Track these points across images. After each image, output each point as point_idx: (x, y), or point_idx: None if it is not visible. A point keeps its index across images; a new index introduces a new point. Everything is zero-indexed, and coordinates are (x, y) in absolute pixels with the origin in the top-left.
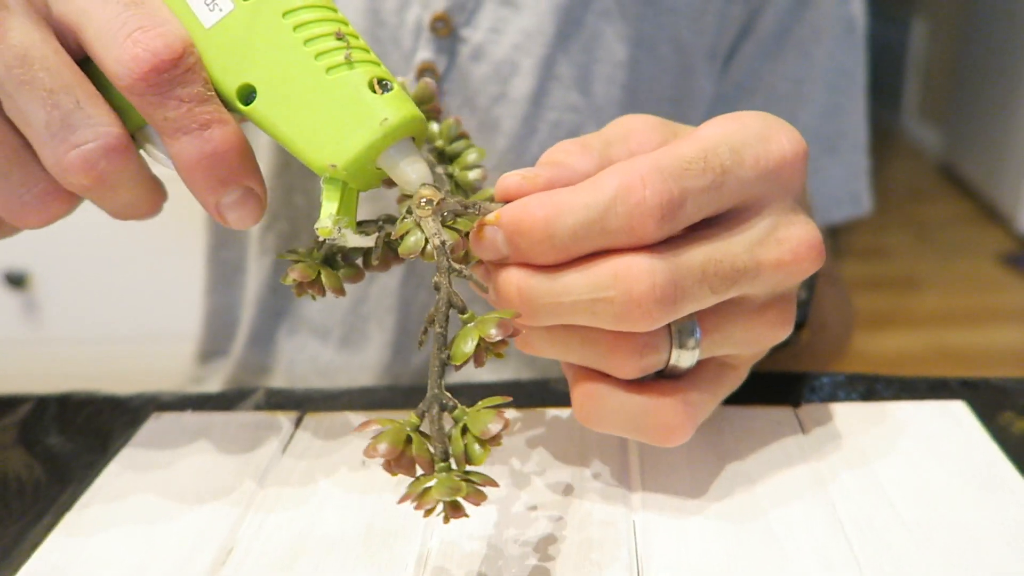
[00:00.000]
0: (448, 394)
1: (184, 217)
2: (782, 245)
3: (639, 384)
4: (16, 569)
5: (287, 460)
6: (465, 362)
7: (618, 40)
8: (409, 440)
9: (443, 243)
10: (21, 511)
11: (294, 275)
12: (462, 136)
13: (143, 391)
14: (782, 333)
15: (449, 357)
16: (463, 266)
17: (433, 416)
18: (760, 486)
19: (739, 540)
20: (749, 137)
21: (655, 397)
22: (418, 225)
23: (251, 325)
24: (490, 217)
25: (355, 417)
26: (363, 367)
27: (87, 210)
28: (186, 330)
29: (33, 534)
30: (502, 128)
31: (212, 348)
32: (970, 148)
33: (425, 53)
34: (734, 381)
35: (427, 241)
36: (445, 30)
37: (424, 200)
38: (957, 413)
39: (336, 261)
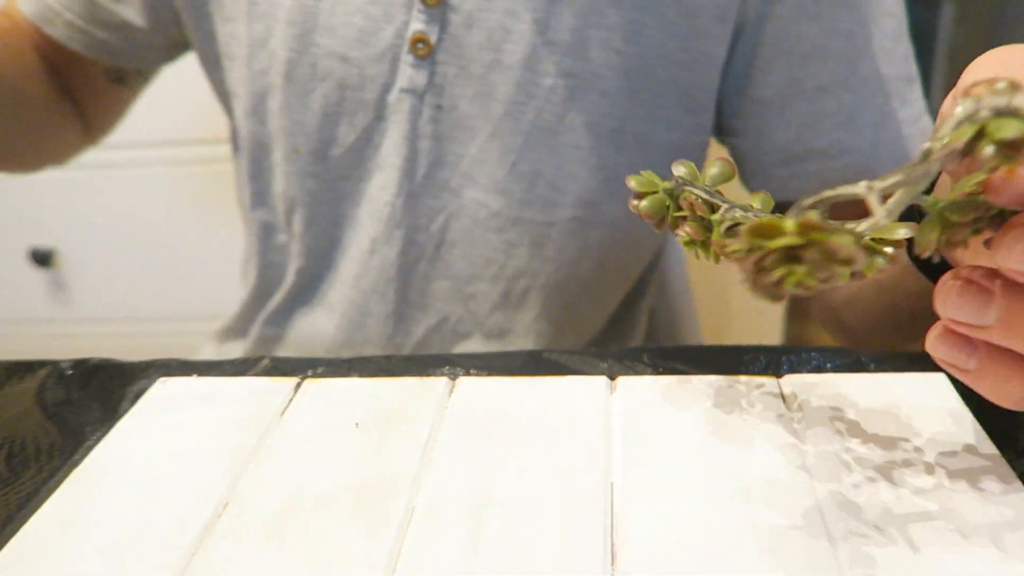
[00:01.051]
0: None
1: (214, 198)
2: None
3: None
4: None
5: (285, 422)
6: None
7: (613, 5)
8: None
9: None
10: (37, 469)
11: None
12: None
13: (154, 359)
14: None
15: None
16: None
17: None
18: (740, 453)
19: (716, 503)
20: None
21: None
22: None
23: (275, 305)
24: None
25: (352, 383)
26: (366, 341)
27: (113, 189)
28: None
29: (45, 490)
30: (497, 95)
31: (233, 327)
32: None
33: (417, 24)
34: None
35: None
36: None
37: None
38: (938, 385)
39: None
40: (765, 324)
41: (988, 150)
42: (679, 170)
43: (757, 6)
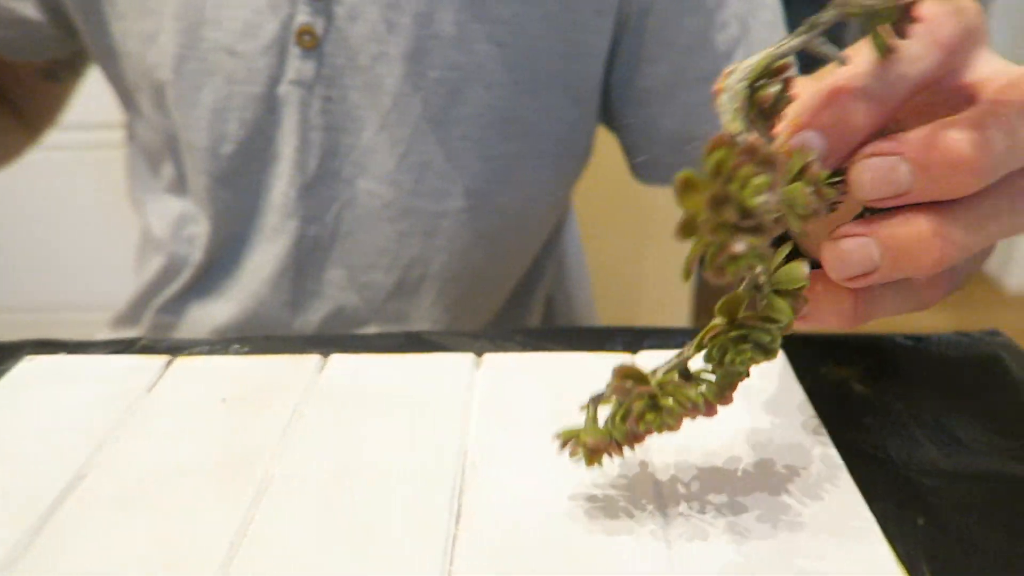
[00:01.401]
0: None
1: (109, 188)
2: None
3: None
4: None
5: (152, 399)
6: None
7: None
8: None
9: None
10: None
11: None
12: None
13: (26, 339)
14: None
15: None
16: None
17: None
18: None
19: (561, 469)
20: None
21: None
22: None
23: (171, 294)
24: None
25: (223, 361)
26: (263, 330)
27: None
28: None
29: None
30: (385, 87)
31: (126, 315)
32: None
33: (303, 16)
34: None
35: None
36: None
37: None
38: (776, 364)
39: None
40: (671, 318)
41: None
42: None
43: (638, 0)
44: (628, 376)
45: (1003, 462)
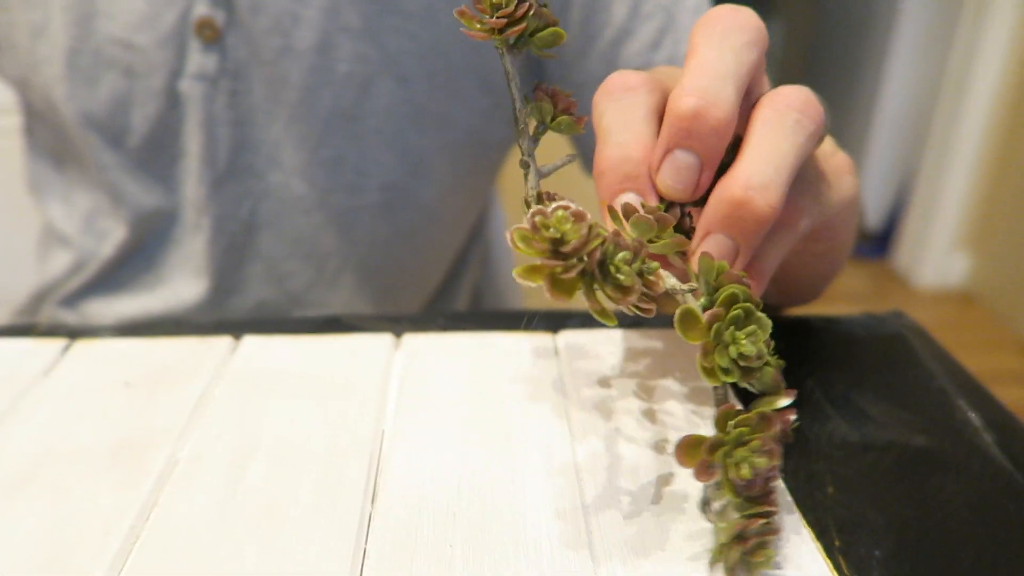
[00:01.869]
0: None
1: (5, 178)
2: None
3: None
4: None
5: (47, 382)
6: None
7: None
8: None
9: None
10: None
11: None
12: None
13: None
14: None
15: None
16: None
17: None
18: (507, 401)
19: (478, 447)
20: None
21: None
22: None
23: (76, 287)
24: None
25: (127, 344)
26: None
27: None
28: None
29: None
30: (291, 81)
31: (26, 309)
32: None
33: (202, 8)
34: None
35: None
36: None
37: None
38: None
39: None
40: None
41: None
42: None
43: None
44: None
45: (909, 434)
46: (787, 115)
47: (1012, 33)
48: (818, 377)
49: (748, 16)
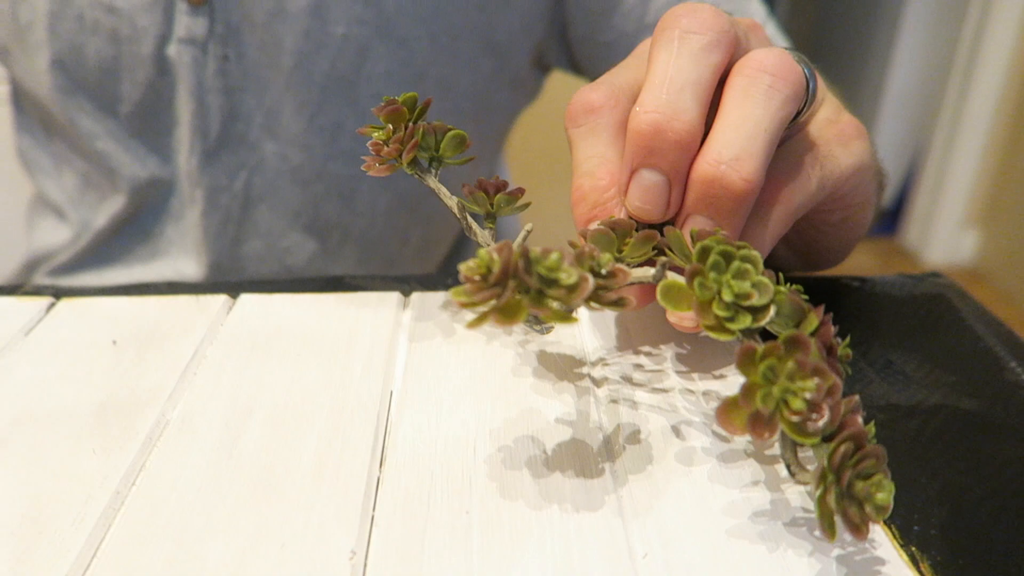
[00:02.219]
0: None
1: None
2: None
3: None
4: None
5: (28, 341)
6: None
7: None
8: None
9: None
10: None
11: None
12: None
13: None
14: None
15: None
16: None
17: None
18: (521, 359)
19: (494, 403)
20: None
21: None
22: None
23: (66, 259)
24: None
25: (115, 302)
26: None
27: None
28: None
29: None
30: (285, 46)
31: (14, 279)
32: None
33: None
34: None
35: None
36: None
37: None
38: None
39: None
40: None
41: None
42: None
43: None
44: None
45: (957, 397)
46: (758, 79)
47: (1023, 10)
48: (855, 338)
49: (707, 15)
